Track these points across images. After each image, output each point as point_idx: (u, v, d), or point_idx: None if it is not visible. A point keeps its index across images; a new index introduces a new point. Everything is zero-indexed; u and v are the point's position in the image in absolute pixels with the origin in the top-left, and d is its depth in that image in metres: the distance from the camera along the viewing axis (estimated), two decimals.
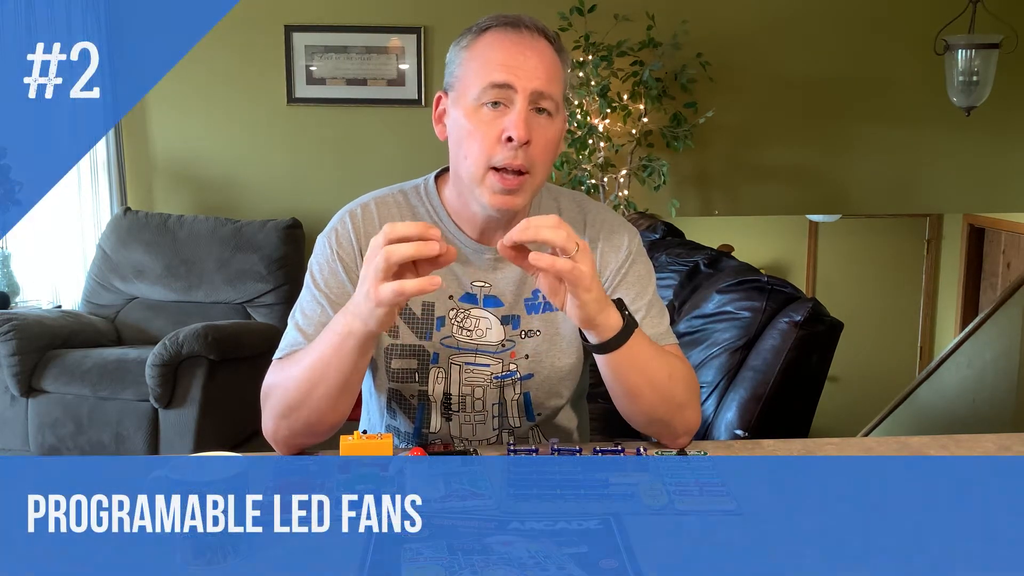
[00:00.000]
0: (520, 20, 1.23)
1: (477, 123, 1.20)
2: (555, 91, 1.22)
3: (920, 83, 4.30)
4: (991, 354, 4.04)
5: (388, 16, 4.10)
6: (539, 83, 1.19)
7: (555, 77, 1.22)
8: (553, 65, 1.22)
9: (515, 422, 1.36)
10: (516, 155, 1.19)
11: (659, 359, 1.24)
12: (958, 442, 1.32)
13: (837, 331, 1.93)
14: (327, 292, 1.28)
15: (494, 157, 1.20)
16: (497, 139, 1.19)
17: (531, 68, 1.19)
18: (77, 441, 3.27)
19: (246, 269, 3.76)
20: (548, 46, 1.23)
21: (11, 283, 3.74)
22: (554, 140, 1.24)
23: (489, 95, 1.19)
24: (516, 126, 1.18)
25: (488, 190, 1.22)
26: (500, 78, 1.19)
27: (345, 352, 1.15)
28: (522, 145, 1.18)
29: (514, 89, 1.19)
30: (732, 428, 1.90)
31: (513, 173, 1.20)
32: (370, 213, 1.32)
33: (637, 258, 1.35)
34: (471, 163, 1.22)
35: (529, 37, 1.22)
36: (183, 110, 4.12)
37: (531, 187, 1.23)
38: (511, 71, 1.19)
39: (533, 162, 1.21)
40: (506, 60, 1.19)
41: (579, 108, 3.95)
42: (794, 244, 6.53)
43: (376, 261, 1.07)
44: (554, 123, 1.23)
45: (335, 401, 1.20)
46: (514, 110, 1.19)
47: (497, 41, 1.21)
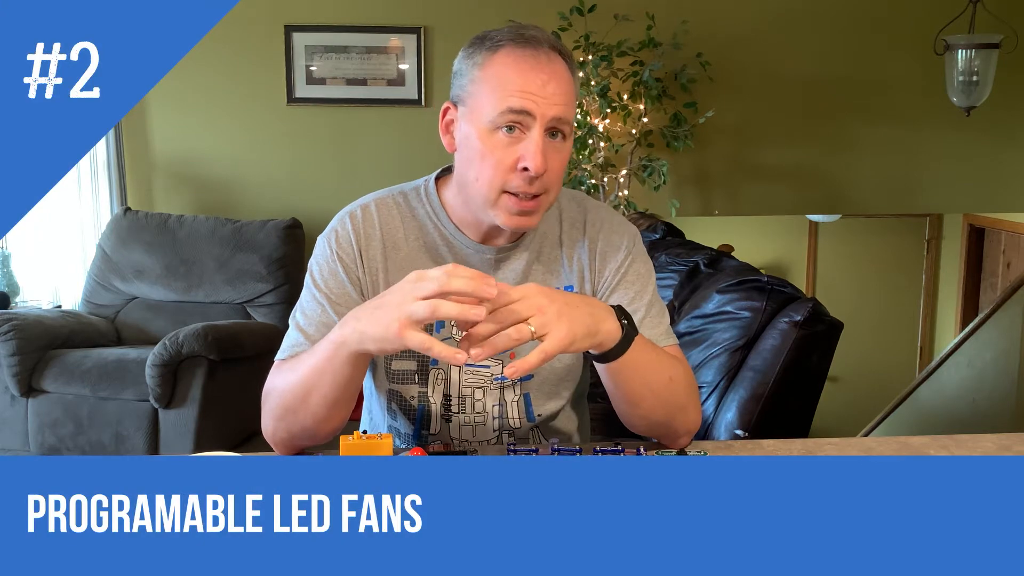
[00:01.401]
0: (537, 40, 1.20)
1: (492, 147, 1.18)
2: (571, 114, 1.21)
3: (920, 83, 4.30)
4: (991, 354, 4.04)
5: (388, 16, 4.10)
6: (558, 110, 1.18)
7: (572, 100, 1.21)
8: (569, 87, 1.20)
9: (515, 423, 1.36)
10: (532, 184, 1.18)
11: (659, 364, 1.23)
12: (958, 442, 1.32)
13: (837, 331, 1.93)
14: (327, 293, 1.28)
15: (509, 183, 1.19)
16: (512, 167, 1.18)
17: (550, 94, 1.17)
18: (77, 441, 3.27)
19: (246, 269, 3.76)
20: (564, 65, 1.21)
21: (11, 283, 3.74)
22: (567, 159, 1.24)
23: (505, 119, 1.17)
24: (534, 157, 1.16)
25: (503, 212, 1.21)
26: (518, 104, 1.16)
27: (337, 363, 1.14)
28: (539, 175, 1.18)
29: (532, 116, 1.17)
30: (732, 428, 1.90)
31: (530, 197, 1.20)
32: (370, 214, 1.32)
33: (637, 257, 1.35)
34: (483, 185, 1.20)
35: (546, 59, 1.19)
36: (183, 110, 4.12)
37: (547, 205, 1.23)
38: (530, 97, 1.16)
39: (547, 186, 1.20)
40: (524, 85, 1.16)
41: (579, 108, 3.95)
42: (794, 244, 6.53)
43: (419, 306, 1.02)
44: (567, 144, 1.22)
45: (329, 410, 1.20)
46: (531, 138, 1.17)
47: (513, 62, 1.18)
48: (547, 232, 1.35)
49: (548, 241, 1.34)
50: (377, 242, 1.30)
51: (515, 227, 1.23)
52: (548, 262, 1.34)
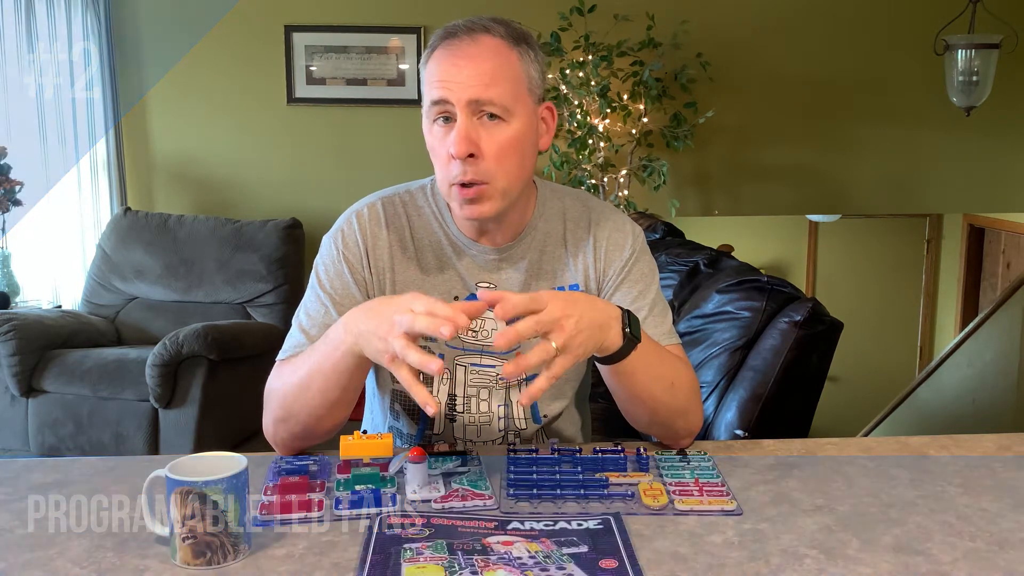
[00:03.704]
0: (456, 28, 1.20)
1: (433, 141, 1.22)
2: (497, 93, 1.17)
3: (920, 83, 4.30)
4: (991, 354, 4.04)
5: (388, 16, 4.10)
6: (473, 91, 1.17)
7: (498, 78, 1.18)
8: (495, 66, 1.18)
9: (521, 424, 1.35)
10: (465, 171, 1.18)
11: (663, 366, 1.23)
12: (958, 442, 1.32)
13: (837, 331, 1.93)
14: (332, 294, 1.28)
15: (451, 174, 1.20)
16: (449, 156, 1.19)
17: (464, 79, 1.17)
18: (77, 441, 3.27)
19: (246, 269, 3.76)
20: (494, 44, 1.19)
21: (11, 283, 3.74)
22: (511, 142, 1.20)
23: (433, 112, 1.20)
24: (454, 143, 1.17)
25: (457, 203, 1.23)
26: (436, 94, 1.18)
27: (338, 363, 1.14)
28: (466, 159, 1.17)
29: (451, 103, 1.17)
30: (732, 428, 1.90)
31: (468, 184, 1.19)
32: (377, 213, 1.31)
33: (640, 257, 1.35)
34: (440, 180, 1.23)
35: (468, 42, 1.18)
36: (183, 110, 4.12)
37: (496, 193, 1.21)
38: (445, 86, 1.17)
39: (487, 172, 1.19)
40: (441, 75, 1.18)
41: (579, 108, 3.95)
42: (794, 244, 6.53)
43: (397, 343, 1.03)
44: (509, 126, 1.19)
45: (329, 410, 1.20)
46: (456, 125, 1.18)
47: (438, 55, 1.20)
48: (551, 231, 1.34)
49: (552, 240, 1.34)
50: (384, 241, 1.30)
51: (469, 217, 1.23)
52: (552, 261, 1.34)
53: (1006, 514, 1.06)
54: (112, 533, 1.01)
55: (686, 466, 1.19)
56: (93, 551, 0.97)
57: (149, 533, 0.99)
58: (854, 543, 0.98)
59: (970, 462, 1.23)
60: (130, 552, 0.96)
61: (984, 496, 1.11)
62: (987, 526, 1.03)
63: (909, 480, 1.17)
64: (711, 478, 1.15)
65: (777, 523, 1.03)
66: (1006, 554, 0.96)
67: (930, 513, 1.06)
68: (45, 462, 1.24)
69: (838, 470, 1.20)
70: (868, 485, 1.15)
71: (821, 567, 0.93)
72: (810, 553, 0.96)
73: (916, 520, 1.04)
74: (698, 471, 1.17)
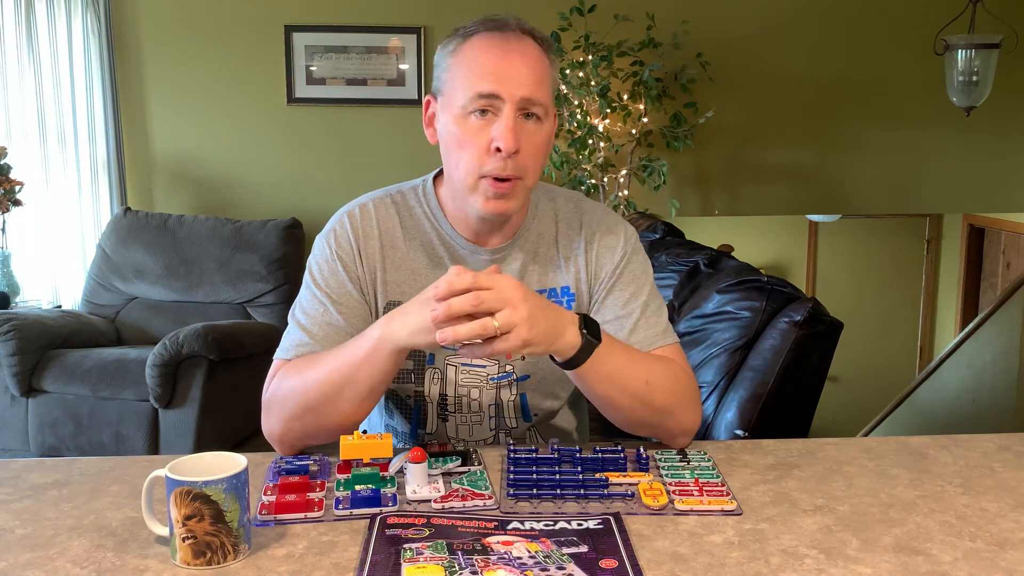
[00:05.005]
0: (506, 23, 1.22)
1: (466, 132, 1.20)
2: (543, 95, 1.20)
3: (920, 83, 4.31)
4: (991, 354, 4.04)
5: (388, 16, 4.10)
6: (527, 90, 1.18)
7: (543, 81, 1.21)
8: (541, 68, 1.21)
9: (511, 423, 1.36)
10: (506, 165, 1.19)
11: (634, 367, 1.21)
12: (958, 442, 1.32)
13: (837, 331, 1.93)
14: (328, 292, 1.28)
15: (484, 167, 1.20)
16: (486, 149, 1.19)
17: (518, 75, 1.18)
18: (77, 441, 3.27)
19: (246, 269, 3.76)
20: (535, 47, 1.22)
21: (11, 283, 3.74)
22: (544, 143, 1.23)
23: (476, 104, 1.19)
24: (504, 137, 1.17)
25: (481, 196, 1.22)
26: (487, 88, 1.18)
27: (379, 359, 1.15)
28: (511, 155, 1.18)
29: (501, 98, 1.18)
30: (732, 428, 1.90)
31: (505, 179, 1.20)
32: (368, 213, 1.32)
33: (632, 258, 1.35)
34: (462, 171, 1.22)
35: (516, 41, 1.20)
36: (183, 110, 4.12)
37: (523, 190, 1.24)
38: (498, 79, 1.18)
39: (524, 168, 1.21)
40: (492, 68, 1.18)
41: (579, 108, 3.95)
42: (794, 244, 6.54)
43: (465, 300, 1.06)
44: (543, 127, 1.22)
45: (359, 406, 1.20)
46: (501, 120, 1.18)
47: (483, 47, 1.20)
48: (543, 232, 1.35)
49: (544, 241, 1.34)
50: (375, 241, 1.31)
51: (492, 212, 1.23)
52: (544, 262, 1.34)
53: (1006, 514, 1.06)
54: (112, 533, 1.01)
55: (686, 466, 1.19)
56: (93, 551, 0.97)
57: (149, 533, 0.99)
58: (854, 543, 0.98)
59: (970, 462, 1.23)
60: (130, 552, 0.96)
61: (984, 496, 1.11)
62: (987, 526, 1.03)
63: (909, 480, 1.17)
64: (711, 478, 1.15)
65: (777, 523, 1.03)
66: (1006, 554, 0.96)
67: (930, 513, 1.06)
68: (45, 462, 1.23)
69: (838, 470, 1.20)
70: (868, 485, 1.15)
71: (821, 567, 0.93)
72: (810, 553, 0.96)
73: (916, 520, 1.04)
74: (698, 471, 1.17)
